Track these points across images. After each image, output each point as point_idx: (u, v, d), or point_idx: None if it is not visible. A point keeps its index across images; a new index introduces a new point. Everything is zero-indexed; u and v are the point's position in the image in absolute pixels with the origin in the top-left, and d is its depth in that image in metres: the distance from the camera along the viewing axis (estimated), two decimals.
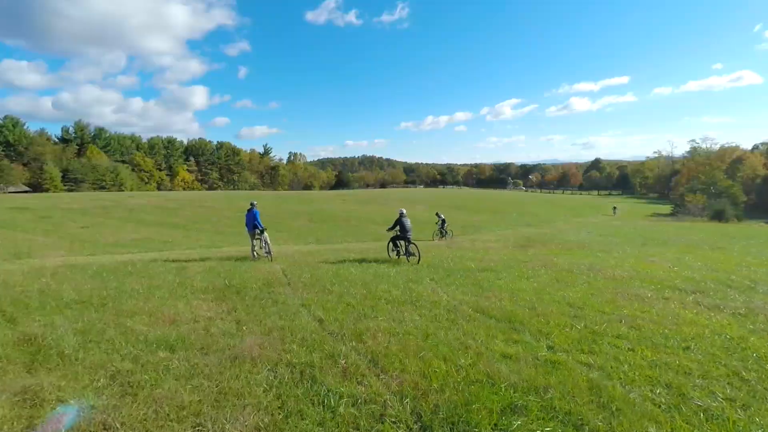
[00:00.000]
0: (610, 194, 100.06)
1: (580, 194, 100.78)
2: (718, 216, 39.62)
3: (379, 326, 4.76)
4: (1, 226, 17.34)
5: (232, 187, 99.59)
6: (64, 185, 55.37)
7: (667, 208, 58.60)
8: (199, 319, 5.06)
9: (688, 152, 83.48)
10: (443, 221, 19.63)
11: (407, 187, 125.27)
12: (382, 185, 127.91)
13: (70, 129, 73.98)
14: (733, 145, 72.93)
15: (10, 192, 47.96)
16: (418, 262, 9.61)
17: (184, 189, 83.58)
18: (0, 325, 4.74)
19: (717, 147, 73.96)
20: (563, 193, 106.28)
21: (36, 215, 21.76)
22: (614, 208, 48.53)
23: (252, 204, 10.55)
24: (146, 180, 76.96)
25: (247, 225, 10.41)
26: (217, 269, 8.42)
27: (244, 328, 4.73)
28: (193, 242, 15.00)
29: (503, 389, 3.27)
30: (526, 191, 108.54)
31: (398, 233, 10.50)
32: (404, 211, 10.59)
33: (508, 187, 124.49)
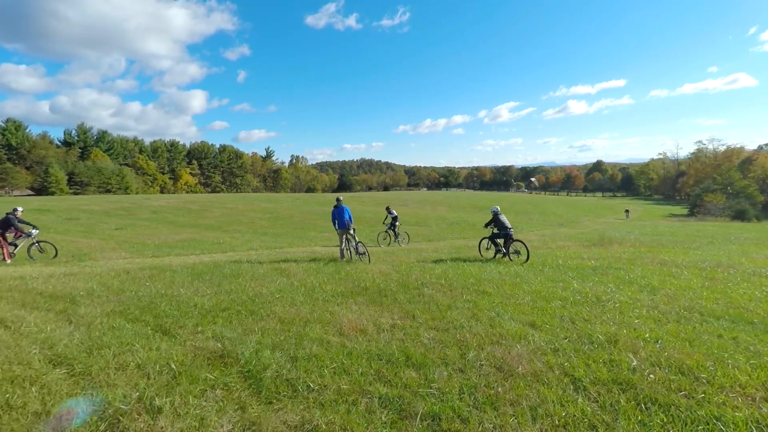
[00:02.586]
0: (614, 196, 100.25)
1: (585, 196, 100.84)
2: (740, 216, 39.35)
3: (620, 332, 3.99)
4: None
5: (234, 190, 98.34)
6: (70, 188, 53.83)
7: (678, 209, 58.51)
8: (385, 328, 4.26)
9: (692, 153, 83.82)
10: (395, 218, 14.67)
11: (411, 189, 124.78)
12: (385, 188, 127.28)
13: (73, 132, 72.45)
14: (738, 146, 73.32)
15: (15, 195, 46.49)
16: (527, 260, 8.84)
17: (187, 192, 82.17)
18: (158, 338, 3.91)
19: (723, 148, 74.25)
20: (568, 194, 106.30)
21: (60, 217, 20.71)
22: (626, 210, 47.99)
23: (338, 200, 9.76)
24: (149, 183, 75.53)
25: (337, 224, 9.58)
26: (322, 271, 7.60)
27: (458, 335, 3.94)
28: (244, 243, 14.10)
29: None
30: (530, 193, 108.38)
31: (494, 231, 9.74)
32: (498, 208, 9.85)
33: (511, 189, 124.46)
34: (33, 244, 9.94)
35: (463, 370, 3.19)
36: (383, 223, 15.17)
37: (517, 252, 9.25)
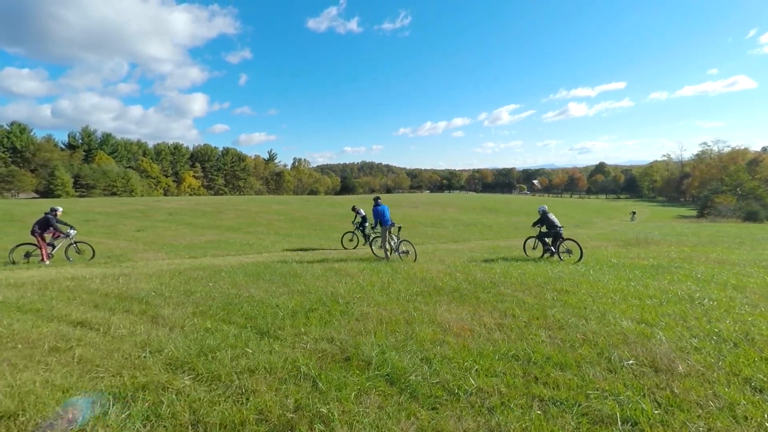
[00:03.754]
0: (618, 198, 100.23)
1: (588, 198, 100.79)
2: (752, 217, 39.22)
3: (748, 329, 3.79)
4: None
5: (237, 192, 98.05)
6: (76, 191, 53.53)
7: (684, 211, 58.35)
8: (492, 327, 4.07)
9: (696, 155, 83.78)
10: (364, 219, 12.85)
11: (413, 191, 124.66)
12: (388, 190, 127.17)
13: (77, 135, 72.19)
14: (743, 147, 73.34)
15: (21, 198, 46.21)
16: (580, 259, 8.65)
17: (190, 195, 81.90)
18: (265, 340, 3.71)
19: (727, 150, 74.27)
20: (571, 196, 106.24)
21: (78, 219, 20.44)
22: (633, 212, 47.51)
23: (377, 199, 9.67)
24: (153, 186, 75.25)
25: (379, 222, 9.43)
26: (380, 270, 7.40)
27: (578, 335, 3.74)
28: (273, 244, 13.87)
29: None
30: (533, 195, 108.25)
31: (542, 230, 9.56)
32: (546, 207, 9.67)
33: (514, 192, 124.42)
34: (71, 244, 9.73)
35: (614, 371, 2.99)
36: (352, 222, 13.55)
37: (569, 251, 9.05)
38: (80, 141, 71.66)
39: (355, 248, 12.70)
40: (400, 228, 9.55)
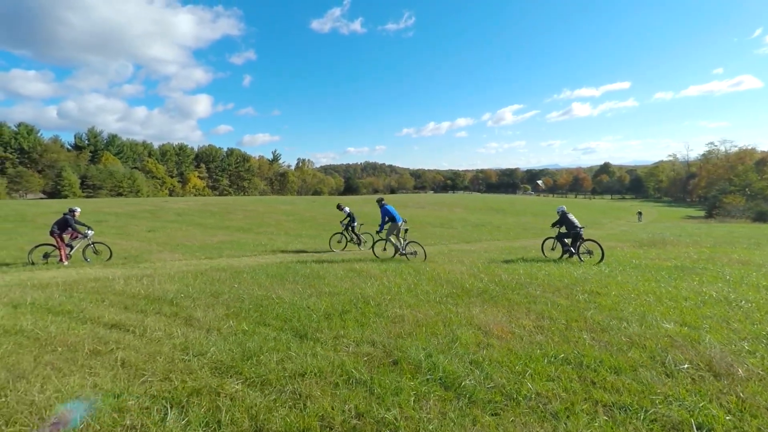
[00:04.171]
0: (623, 198, 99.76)
1: (594, 198, 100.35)
2: (761, 217, 38.90)
3: None
4: None
5: (242, 193, 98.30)
6: (83, 191, 53.86)
7: (692, 211, 57.96)
8: (530, 329, 4.01)
9: (703, 155, 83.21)
10: (352, 218, 12.05)
11: (417, 192, 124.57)
12: (392, 191, 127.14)
13: (83, 136, 72.65)
14: (750, 147, 72.81)
15: (29, 198, 46.55)
16: (601, 261, 8.55)
17: (195, 195, 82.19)
18: (306, 343, 3.67)
19: (735, 149, 73.74)
20: (576, 197, 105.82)
21: (89, 220, 20.43)
22: (639, 213, 47.08)
23: (382, 199, 9.75)
24: (159, 186, 75.58)
25: (389, 219, 9.46)
26: (401, 271, 7.34)
27: (622, 337, 3.68)
28: (285, 244, 13.85)
29: None
30: (537, 195, 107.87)
31: (561, 231, 9.47)
32: (565, 207, 9.59)
33: (519, 192, 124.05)
34: (89, 245, 9.73)
35: (671, 375, 2.93)
36: (340, 222, 12.40)
37: (589, 252, 8.96)
38: (86, 142, 72.10)
39: (343, 250, 11.97)
40: (407, 230, 9.52)
